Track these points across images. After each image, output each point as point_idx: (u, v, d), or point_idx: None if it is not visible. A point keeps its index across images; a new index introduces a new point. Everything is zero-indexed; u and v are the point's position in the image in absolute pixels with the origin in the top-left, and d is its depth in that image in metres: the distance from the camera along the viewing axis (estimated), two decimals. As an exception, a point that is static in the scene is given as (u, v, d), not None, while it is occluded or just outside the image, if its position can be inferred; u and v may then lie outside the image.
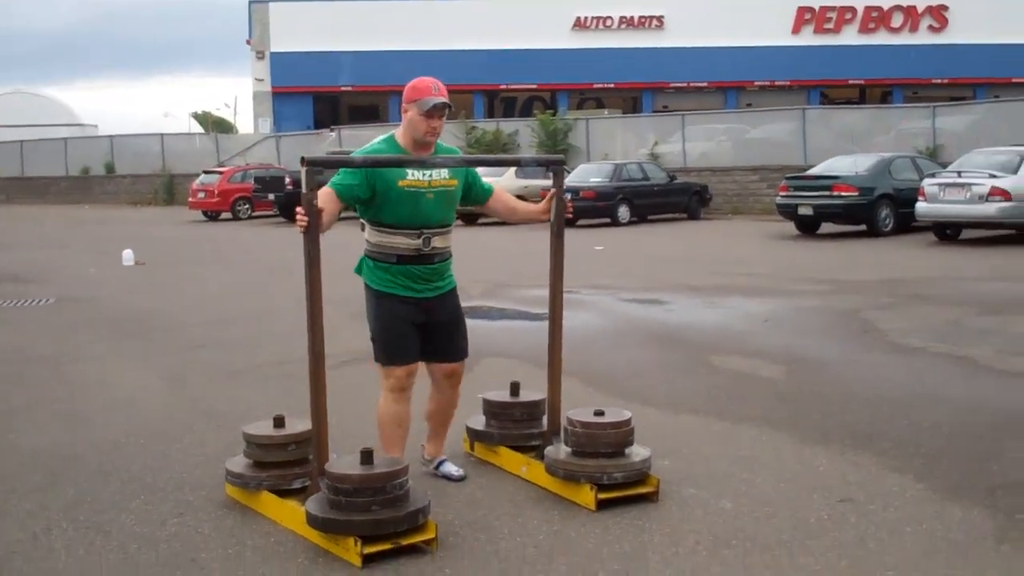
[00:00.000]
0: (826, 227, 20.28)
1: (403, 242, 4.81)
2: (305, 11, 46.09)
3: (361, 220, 4.94)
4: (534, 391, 5.61)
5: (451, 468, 5.25)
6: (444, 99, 4.76)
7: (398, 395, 4.89)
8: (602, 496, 4.74)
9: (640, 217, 24.74)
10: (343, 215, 4.96)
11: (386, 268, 4.86)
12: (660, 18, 44.71)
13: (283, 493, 4.72)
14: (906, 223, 19.03)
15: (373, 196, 4.77)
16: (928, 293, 11.57)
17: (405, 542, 4.20)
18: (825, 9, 44.35)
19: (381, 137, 4.97)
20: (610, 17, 44.95)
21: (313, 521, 4.23)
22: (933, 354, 8.18)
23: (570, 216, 5.31)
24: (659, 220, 25.31)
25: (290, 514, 4.52)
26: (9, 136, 51.13)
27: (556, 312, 5.27)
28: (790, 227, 20.74)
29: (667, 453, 5.52)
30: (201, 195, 31.81)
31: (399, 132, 4.88)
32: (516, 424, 5.45)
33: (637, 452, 4.93)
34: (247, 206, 31.48)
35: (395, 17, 44.99)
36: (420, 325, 4.94)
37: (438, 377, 5.13)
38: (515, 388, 5.60)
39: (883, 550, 4.22)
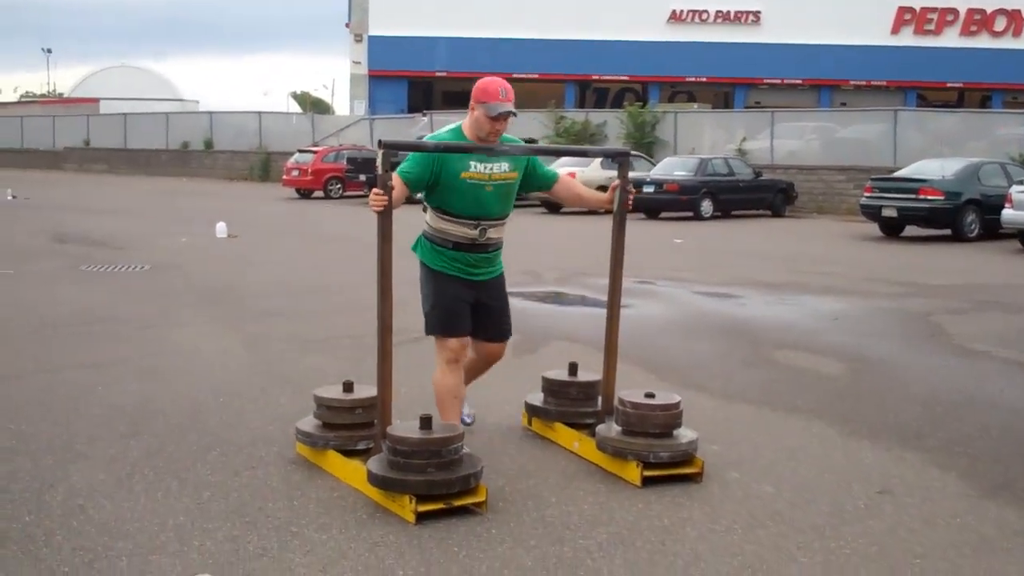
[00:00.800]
0: (910, 230, 20.13)
1: (461, 231, 5.08)
2: (403, -4, 46.67)
3: (424, 203, 5.20)
4: (592, 373, 5.84)
5: (464, 416, 5.55)
6: (510, 107, 4.96)
7: (453, 366, 5.14)
8: (647, 473, 4.97)
9: (724, 212, 24.76)
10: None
11: (441, 252, 5.14)
12: (757, 13, 44.46)
13: (348, 453, 5.03)
14: (993, 230, 18.82)
15: (437, 184, 5.02)
16: (1004, 300, 11.54)
17: (457, 503, 4.48)
18: (926, 10, 43.72)
19: (450, 127, 5.21)
20: (706, 11, 44.81)
21: (373, 479, 4.53)
22: (997, 359, 8.23)
23: (629, 208, 5.48)
24: (742, 216, 25.29)
25: (353, 472, 4.83)
26: (114, 108, 52.78)
27: (615, 299, 5.52)
28: (874, 229, 20.62)
29: (716, 439, 5.73)
30: (295, 173, 32.49)
31: (466, 124, 5.10)
32: (572, 402, 5.70)
33: (684, 434, 5.15)
34: (339, 185, 32.07)
35: (491, 5, 45.38)
36: (472, 304, 5.21)
37: (481, 353, 5.43)
38: (573, 368, 5.84)
39: (913, 539, 4.39)
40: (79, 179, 41.30)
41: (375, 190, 4.78)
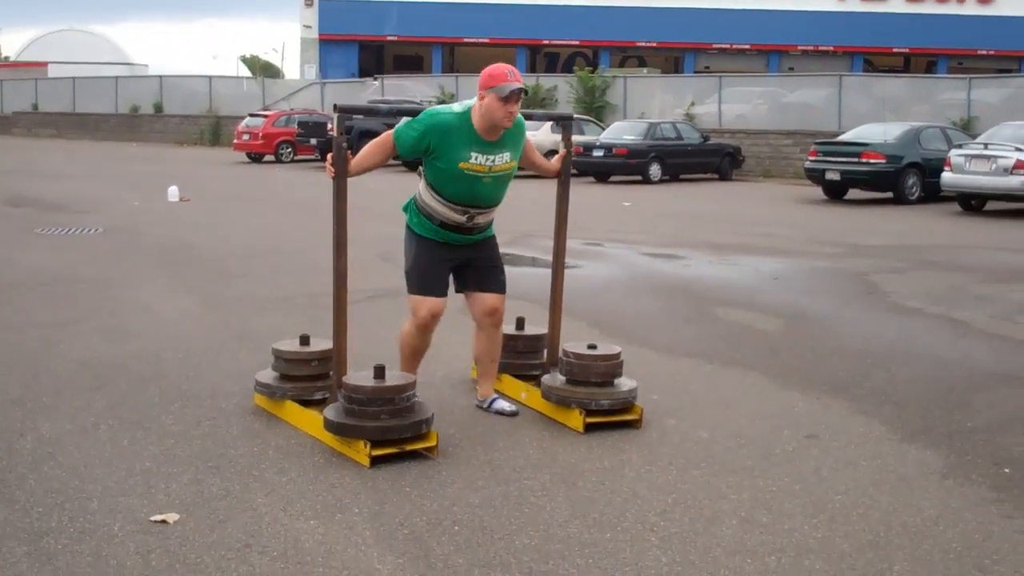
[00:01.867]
0: (853, 193, 20.59)
1: (449, 215, 5.13)
2: (355, -41, 46.51)
3: (420, 170, 5.22)
4: (539, 328, 6.11)
5: (504, 404, 5.57)
6: (520, 84, 4.96)
7: (422, 330, 5.28)
8: (590, 420, 5.26)
9: (672, 176, 25.12)
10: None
11: (428, 222, 5.20)
12: (707, -22, 44.76)
13: (305, 403, 5.28)
14: (934, 193, 19.27)
15: (432, 161, 5.00)
16: (940, 260, 11.97)
17: (409, 448, 4.75)
18: (874, -25, 44.25)
19: (460, 107, 5.06)
20: (658, -25, 45.04)
21: (329, 426, 4.79)
22: (928, 315, 8.61)
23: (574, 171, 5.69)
24: (691, 180, 25.67)
25: (310, 421, 5.08)
26: (61, 72, 52.15)
27: (559, 257, 5.80)
28: (818, 192, 21.08)
29: (657, 389, 6.03)
30: (246, 137, 32.44)
31: (474, 112, 4.99)
32: (519, 355, 5.98)
33: (624, 383, 5.44)
34: (290, 150, 32.07)
35: (443, -32, 45.30)
36: (457, 266, 5.31)
37: (479, 316, 5.45)
38: (520, 323, 6.12)
39: (836, 479, 4.71)
40: (28, 144, 40.85)
41: (329, 157, 5.00)
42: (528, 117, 5.52)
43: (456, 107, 5.09)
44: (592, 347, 5.47)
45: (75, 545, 3.77)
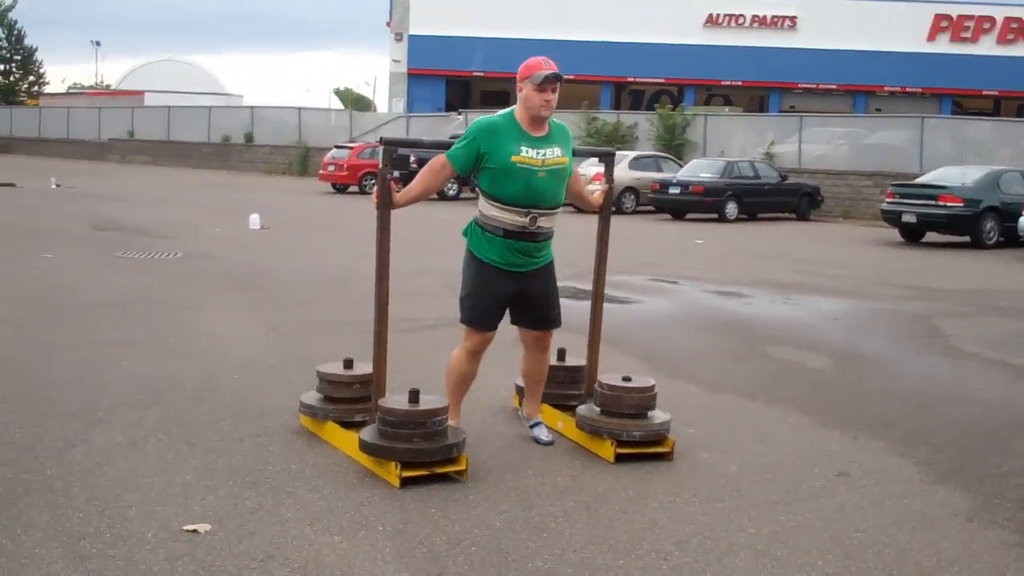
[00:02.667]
0: (931, 236, 20.35)
1: (511, 219, 5.24)
2: (443, -3, 47.29)
3: (477, 188, 5.39)
4: (580, 359, 6.24)
5: (542, 433, 5.69)
6: (555, 70, 5.14)
7: (471, 356, 5.43)
8: (621, 451, 5.37)
9: (749, 215, 25.07)
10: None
11: (491, 239, 5.30)
12: (793, 18, 44.63)
13: (346, 425, 5.47)
14: (1014, 238, 18.99)
15: (486, 167, 5.18)
16: (1008, 306, 11.82)
17: (439, 470, 4.91)
18: (963, 18, 43.75)
19: (503, 111, 5.33)
20: (742, 15, 45.04)
21: (363, 446, 4.97)
22: (984, 360, 8.54)
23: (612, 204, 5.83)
24: (768, 219, 25.58)
25: (348, 441, 5.27)
26: (158, 101, 53.74)
27: (599, 288, 5.96)
28: (895, 234, 20.86)
29: (695, 423, 6.12)
30: (331, 168, 33.02)
31: (517, 108, 5.23)
32: (559, 385, 6.11)
33: (658, 416, 5.54)
34: (373, 181, 32.43)
35: (530, 6, 45.84)
36: (514, 296, 5.41)
37: (528, 341, 5.61)
38: (561, 354, 6.26)
39: (859, 516, 4.76)
40: (122, 170, 42.13)
41: (376, 190, 5.21)
42: (574, 153, 5.64)
43: (496, 114, 5.31)
44: (627, 379, 5.59)
45: (108, 549, 3.99)
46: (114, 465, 4.98)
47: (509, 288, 5.35)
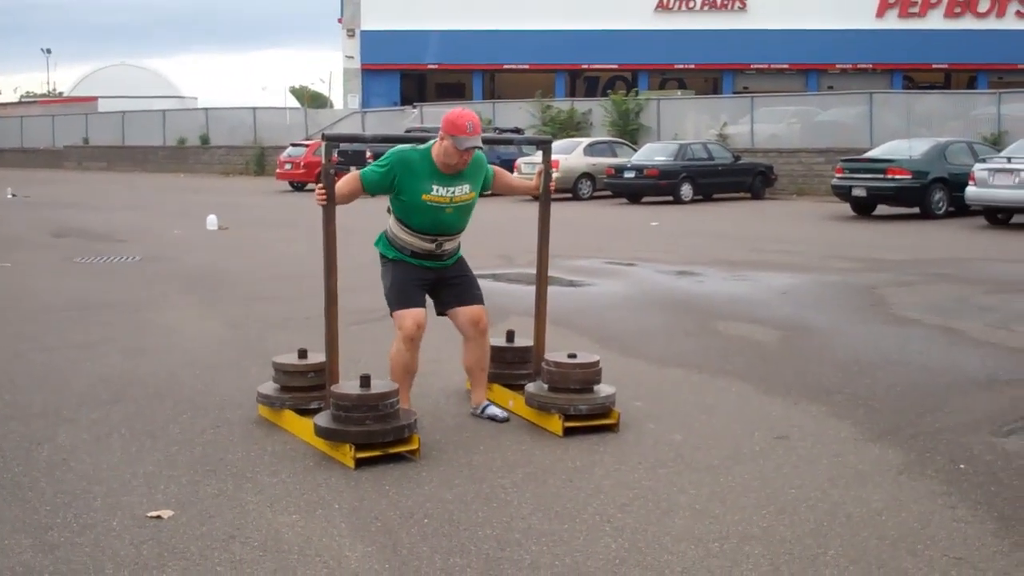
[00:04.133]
0: (882, 209, 20.73)
1: (419, 244, 5.59)
2: (394, -10, 47.39)
3: (389, 207, 5.69)
4: (527, 340, 6.44)
5: (496, 411, 5.93)
6: (477, 141, 5.39)
7: (408, 344, 5.62)
8: (569, 424, 5.59)
9: (705, 196, 25.41)
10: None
11: (400, 251, 5.64)
12: (743, 0, 45.00)
13: (303, 412, 5.64)
14: (963, 207, 19.38)
15: (397, 197, 5.47)
16: (952, 273, 12.15)
17: (392, 451, 5.11)
18: (910, -7, 44.34)
19: (423, 146, 5.56)
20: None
21: (318, 431, 5.16)
22: (925, 326, 8.83)
23: (552, 191, 6.05)
24: (723, 199, 25.92)
25: (304, 428, 5.45)
26: (112, 107, 53.47)
27: (542, 271, 6.16)
28: (848, 209, 21.23)
29: (643, 397, 6.36)
30: (288, 167, 33.06)
31: (435, 148, 5.45)
32: (508, 366, 6.33)
33: (603, 390, 5.76)
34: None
35: (481, -3, 46.03)
36: (431, 284, 5.71)
37: (465, 327, 5.81)
38: (510, 336, 6.47)
39: (795, 475, 5.00)
40: (78, 177, 41.94)
41: (319, 186, 5.41)
42: (509, 142, 5.91)
43: (420, 146, 5.55)
44: (572, 356, 5.80)
45: (76, 538, 4.16)
46: (79, 460, 5.15)
47: (425, 275, 5.67)
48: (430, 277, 5.71)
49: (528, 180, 6.23)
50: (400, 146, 5.63)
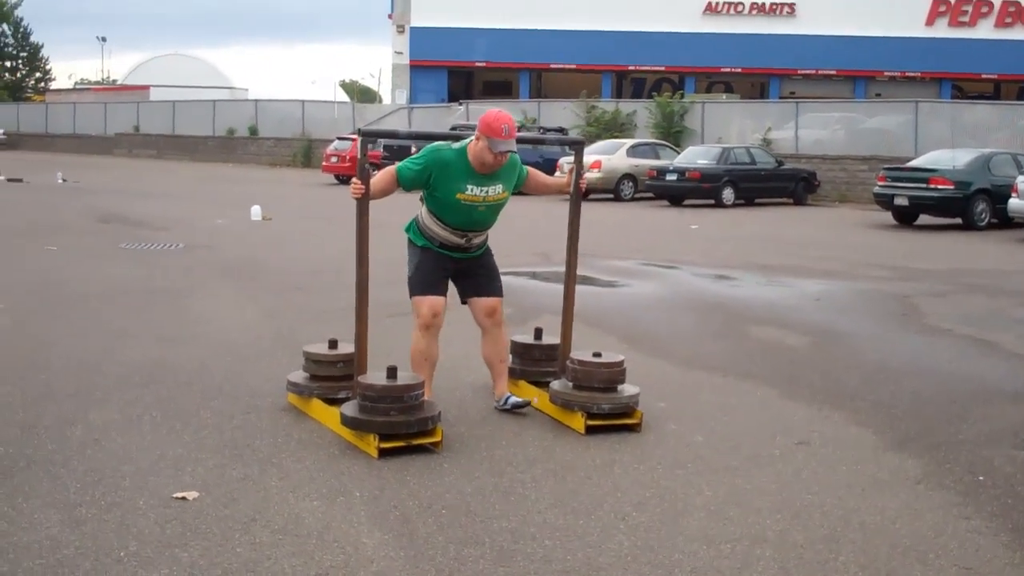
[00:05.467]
0: (925, 219, 20.59)
1: (448, 237, 5.73)
2: (445, -12, 47.57)
3: (421, 198, 5.80)
4: (556, 338, 6.51)
5: (516, 400, 6.02)
6: (512, 145, 5.49)
7: (425, 332, 5.75)
8: (591, 423, 5.66)
9: (747, 200, 25.34)
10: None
11: (429, 240, 5.77)
12: (791, 5, 44.82)
13: (331, 401, 5.75)
14: (1005, 219, 19.22)
15: (432, 193, 5.60)
16: (989, 284, 12.08)
17: (416, 442, 5.21)
18: (961, 2, 43.90)
19: (458, 145, 5.67)
20: (741, 3, 45.24)
21: (344, 420, 5.27)
22: (957, 336, 8.81)
23: (583, 191, 6.11)
24: (765, 204, 25.83)
25: (332, 416, 5.56)
26: (164, 96, 54.13)
27: (571, 270, 6.22)
28: (890, 217, 21.10)
29: (667, 398, 6.41)
30: (334, 159, 33.28)
31: (471, 147, 5.54)
32: (535, 363, 6.41)
33: (627, 389, 5.83)
34: (375, 171, 32.75)
35: (530, -3, 46.12)
36: (454, 273, 5.87)
37: (481, 318, 5.95)
38: (538, 333, 6.54)
39: (813, 480, 5.05)
40: (128, 164, 42.50)
41: (354, 179, 5.52)
42: (541, 142, 5.98)
43: (455, 144, 5.64)
44: (597, 355, 5.87)
45: (103, 515, 4.29)
46: (111, 440, 5.29)
47: (449, 264, 5.80)
48: (455, 266, 5.84)
49: (562, 179, 6.27)
50: (436, 143, 5.73)
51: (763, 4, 45.05)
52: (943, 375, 7.33)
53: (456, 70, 49.32)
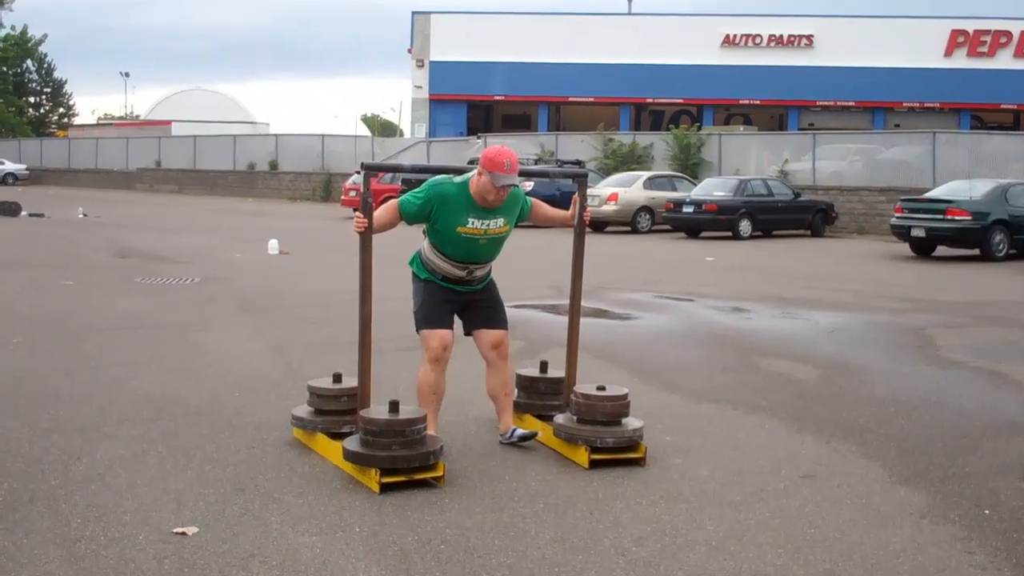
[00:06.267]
0: (942, 250, 20.50)
1: (450, 269, 5.78)
2: (464, 23, 47.96)
3: (424, 229, 5.85)
4: (562, 371, 6.50)
5: (521, 432, 6.02)
6: (514, 179, 5.54)
7: (434, 365, 5.78)
8: (595, 457, 5.64)
9: (764, 232, 25.31)
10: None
11: (432, 273, 5.83)
12: (810, 37, 44.90)
13: (335, 436, 5.75)
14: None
15: (434, 226, 5.64)
16: (1005, 316, 12.01)
17: (418, 476, 5.20)
18: (980, 32, 43.87)
19: (460, 178, 5.72)
20: (759, 35, 45.36)
21: (346, 455, 5.28)
22: (970, 368, 8.75)
23: (587, 223, 6.14)
24: (782, 236, 25.79)
25: (335, 451, 5.56)
26: (185, 130, 54.64)
27: (575, 302, 6.23)
28: (907, 249, 21.01)
29: (673, 431, 6.39)
30: (352, 193, 33.35)
31: (473, 181, 5.60)
32: (540, 396, 6.40)
33: (631, 423, 5.81)
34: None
35: (549, 31, 46.45)
36: (459, 306, 5.90)
37: (486, 351, 5.96)
38: (543, 366, 6.54)
39: (817, 514, 5.01)
40: (149, 199, 42.83)
41: (357, 213, 5.55)
42: (545, 175, 6.00)
43: (457, 178, 5.68)
44: (601, 388, 5.86)
45: (102, 550, 4.30)
46: (115, 475, 5.30)
47: (454, 297, 5.83)
48: (459, 299, 5.87)
49: (565, 212, 6.28)
50: (438, 177, 5.76)
51: (781, 36, 45.16)
52: (954, 408, 7.27)
53: (475, 104, 49.61)
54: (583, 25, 47.28)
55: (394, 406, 5.30)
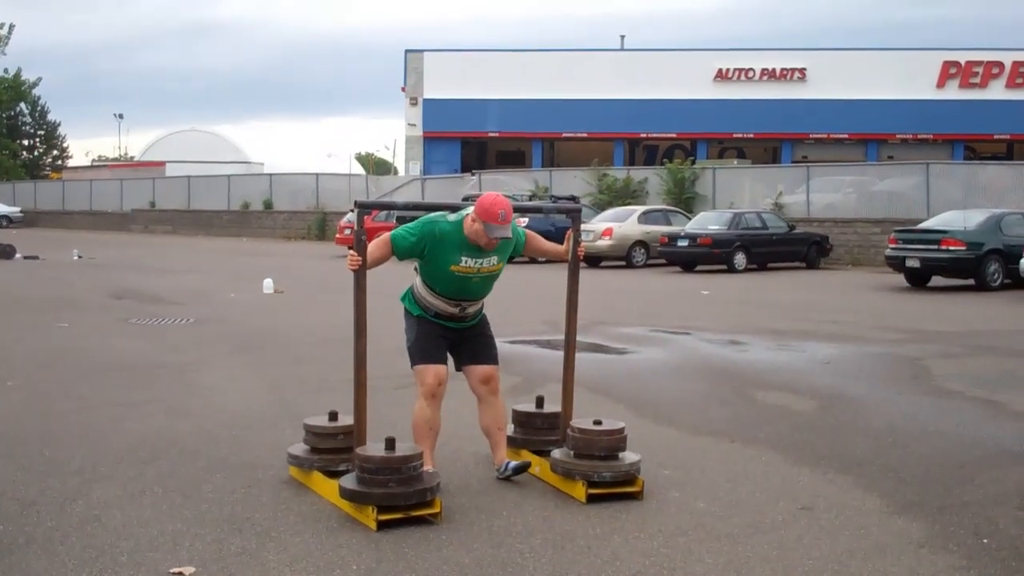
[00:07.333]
0: (937, 280, 20.56)
1: (442, 306, 5.82)
2: (457, 61, 48.28)
3: (416, 267, 5.88)
4: (558, 406, 6.50)
5: (514, 464, 6.01)
6: (506, 232, 5.54)
7: (430, 401, 5.78)
8: (593, 491, 5.63)
9: (759, 265, 25.38)
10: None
11: (424, 310, 5.86)
12: (802, 70, 45.18)
13: (331, 474, 5.75)
14: (1018, 280, 19.19)
15: (427, 263, 5.68)
16: (1001, 345, 12.02)
17: (415, 513, 5.19)
18: (972, 64, 44.15)
19: (455, 217, 5.72)
20: (752, 69, 45.65)
21: (343, 493, 5.27)
22: (967, 398, 8.76)
23: (581, 257, 6.17)
24: (777, 269, 25.85)
25: (331, 489, 5.56)
26: (179, 171, 54.82)
27: (570, 339, 6.25)
28: (902, 280, 21.06)
29: (671, 465, 6.39)
30: (347, 231, 33.51)
31: (467, 223, 5.61)
32: (536, 431, 6.40)
33: (628, 457, 5.81)
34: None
35: (542, 67, 46.74)
36: (451, 342, 5.92)
37: (476, 386, 5.98)
38: (540, 401, 6.55)
39: (814, 546, 5.00)
40: (143, 240, 42.87)
41: (350, 251, 5.57)
42: (539, 210, 6.05)
43: (451, 216, 5.70)
44: (598, 423, 5.86)
45: (98, 591, 4.29)
46: (111, 516, 5.29)
47: (447, 333, 5.86)
48: (451, 335, 5.90)
49: (560, 245, 6.31)
50: (432, 215, 5.78)
51: (773, 70, 45.45)
52: (952, 438, 7.28)
53: (469, 140, 49.81)
54: (576, 61, 47.60)
55: (390, 443, 5.30)
